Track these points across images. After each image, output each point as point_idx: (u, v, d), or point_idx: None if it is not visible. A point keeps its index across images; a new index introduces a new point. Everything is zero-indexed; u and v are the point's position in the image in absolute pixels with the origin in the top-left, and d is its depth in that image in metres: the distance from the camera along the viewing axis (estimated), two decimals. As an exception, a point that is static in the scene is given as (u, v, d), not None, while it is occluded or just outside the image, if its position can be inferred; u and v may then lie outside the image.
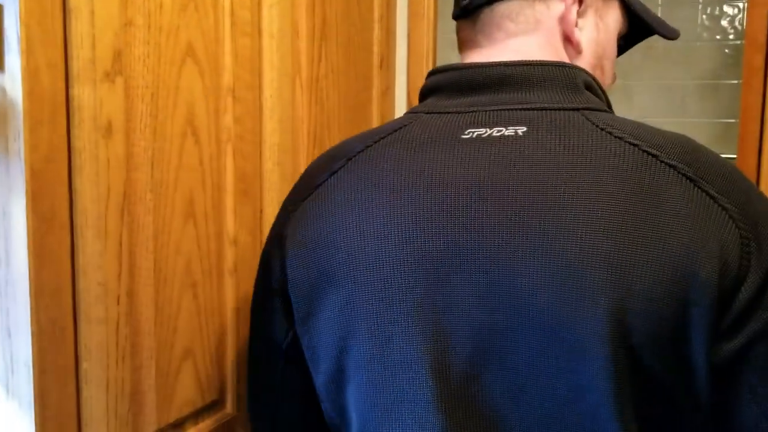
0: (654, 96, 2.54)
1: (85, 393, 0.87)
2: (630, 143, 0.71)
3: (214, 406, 1.10)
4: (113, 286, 0.89)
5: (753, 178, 1.31)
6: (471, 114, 0.77)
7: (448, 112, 0.79)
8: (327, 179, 0.81)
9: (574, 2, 0.82)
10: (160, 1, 0.94)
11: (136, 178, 0.92)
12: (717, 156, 0.74)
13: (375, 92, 1.55)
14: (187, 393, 1.03)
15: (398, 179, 0.75)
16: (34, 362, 0.80)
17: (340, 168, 0.80)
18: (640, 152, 0.70)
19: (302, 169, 1.28)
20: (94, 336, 0.88)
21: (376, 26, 1.53)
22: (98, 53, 0.85)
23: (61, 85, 0.82)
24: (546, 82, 0.77)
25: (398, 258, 0.72)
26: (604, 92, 0.83)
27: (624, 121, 0.75)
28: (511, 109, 0.76)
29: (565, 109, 0.75)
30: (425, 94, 0.85)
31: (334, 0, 1.34)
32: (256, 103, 1.15)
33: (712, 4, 2.53)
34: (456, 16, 0.88)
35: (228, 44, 1.08)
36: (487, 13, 0.83)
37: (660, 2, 2.54)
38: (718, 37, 2.52)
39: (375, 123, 1.56)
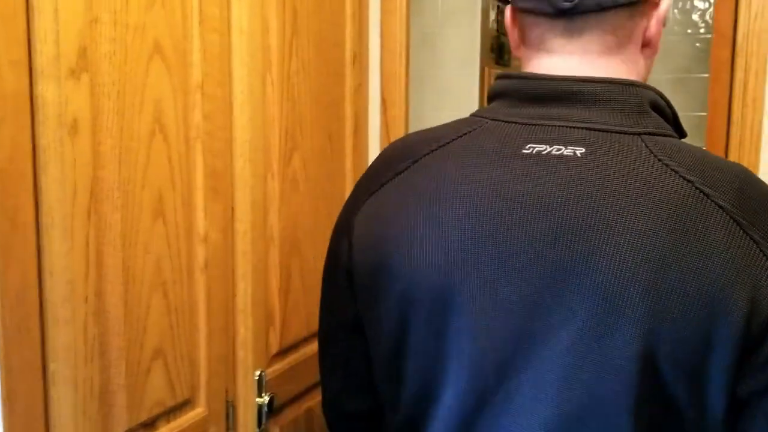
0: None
1: (54, 393, 0.87)
2: (685, 179, 0.71)
3: (185, 405, 1.09)
4: (81, 285, 0.89)
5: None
6: (533, 127, 0.78)
7: (511, 122, 0.79)
8: (392, 178, 0.83)
9: (652, 7, 0.78)
10: (125, -3, 0.94)
11: (103, 176, 0.91)
12: (760, 185, 0.75)
13: (347, 88, 1.54)
14: (158, 392, 1.03)
15: (458, 188, 0.77)
16: (1, 363, 0.80)
17: (405, 169, 0.82)
18: (694, 189, 0.71)
19: (274, 165, 1.28)
20: (62, 336, 0.87)
21: (348, 22, 1.52)
22: (63, 50, 0.85)
23: (25, 82, 0.81)
24: (612, 101, 0.76)
25: (452, 262, 0.76)
26: (672, 108, 0.82)
27: (684, 151, 0.75)
28: (573, 127, 0.76)
29: (626, 133, 0.75)
30: (492, 97, 0.84)
31: (305, -4, 1.34)
32: (226, 100, 1.15)
33: (683, -2, 2.57)
34: (543, 13, 0.78)
35: (197, 41, 1.07)
36: (593, 23, 0.77)
37: (632, -3, 2.56)
38: (689, 31, 2.55)
39: (348, 119, 1.55)
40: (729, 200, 0.70)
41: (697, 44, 2.51)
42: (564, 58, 0.79)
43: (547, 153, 0.76)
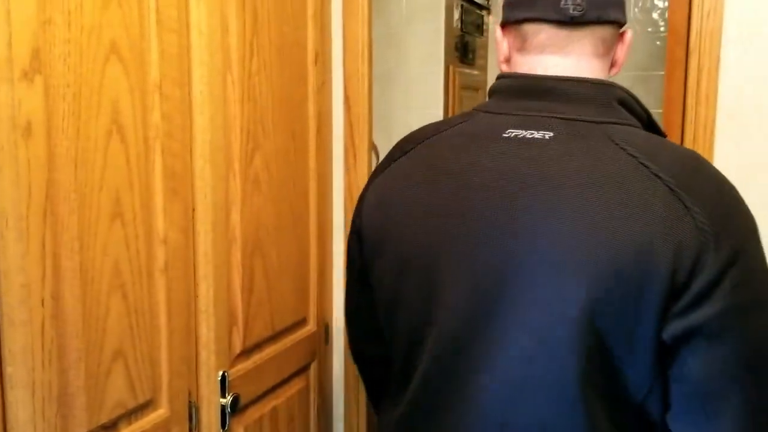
0: (590, 88, 2.58)
1: (11, 397, 0.86)
2: (631, 155, 0.86)
3: (147, 406, 1.09)
4: (37, 288, 0.88)
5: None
6: (516, 117, 0.94)
7: (500, 113, 0.96)
8: (400, 157, 1.02)
9: (622, 36, 0.99)
10: (80, -1, 0.93)
11: (59, 178, 0.91)
12: (711, 173, 0.87)
13: (310, 88, 1.55)
14: (118, 394, 1.03)
15: (448, 165, 0.95)
16: (-45, 368, 0.79)
17: (410, 149, 1.02)
18: (637, 163, 0.85)
19: (236, 165, 1.28)
20: (18, 339, 0.86)
21: (310, 23, 1.53)
22: (15, 52, 0.84)
23: (-24, 85, 0.80)
24: (584, 97, 0.93)
25: (440, 224, 0.93)
26: (644, 108, 0.97)
27: (638, 136, 0.90)
28: (548, 117, 0.92)
29: (591, 122, 0.91)
30: (491, 93, 1.02)
31: (265, -4, 1.34)
32: (185, 100, 1.14)
33: (644, -3, 2.61)
34: (549, 21, 0.94)
35: (154, 41, 1.07)
36: (590, 31, 0.94)
37: (593, -4, 2.60)
38: (649, 29, 2.59)
39: (311, 118, 1.56)
40: (667, 172, 0.83)
41: (657, 42, 2.56)
42: (564, 57, 0.95)
43: (522, 136, 0.92)
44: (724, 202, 0.84)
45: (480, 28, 2.74)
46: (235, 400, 1.27)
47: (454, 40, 2.48)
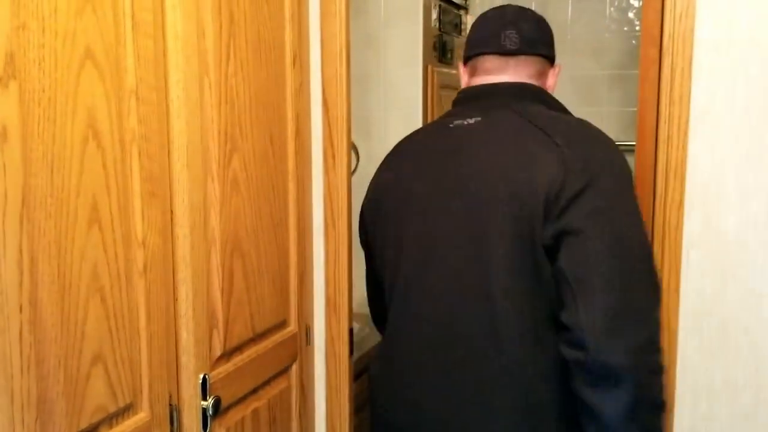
0: (566, 87, 2.61)
1: (-12, 404, 0.86)
2: (529, 121, 1.26)
3: (128, 410, 1.09)
4: (14, 294, 0.88)
5: (651, 164, 1.38)
6: (461, 111, 1.37)
7: (453, 113, 1.40)
8: (394, 148, 1.47)
9: (550, 67, 1.41)
10: (54, 4, 0.93)
11: (35, 183, 0.91)
12: (588, 133, 1.26)
13: (288, 90, 1.55)
14: (98, 398, 1.03)
15: (414, 150, 1.42)
16: (-68, 375, 0.79)
17: (401, 143, 1.47)
18: (532, 125, 1.25)
19: (214, 168, 1.28)
20: (-4, 345, 0.86)
21: (288, 25, 1.53)
22: (-11, 58, 0.84)
23: (-50, 91, 0.80)
24: (506, 93, 1.35)
25: (406, 191, 1.36)
26: (560, 104, 1.37)
27: (540, 112, 1.30)
28: (481, 108, 1.34)
29: (506, 107, 1.31)
30: (452, 104, 1.44)
31: (242, 0, 1.34)
32: (161, 104, 1.14)
33: (620, -3, 2.64)
34: (488, 51, 1.37)
35: (130, 46, 1.07)
36: (524, 60, 1.36)
37: (570, -4, 2.63)
38: (625, 28, 2.61)
39: (290, 119, 1.56)
40: (556, 134, 1.21)
41: (633, 41, 2.58)
42: (503, 77, 1.37)
43: (459, 123, 1.35)
44: (591, 150, 1.21)
45: (458, 27, 2.76)
46: (217, 403, 1.28)
47: (432, 40, 2.49)
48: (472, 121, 1.32)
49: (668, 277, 1.36)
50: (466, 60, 1.43)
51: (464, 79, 1.45)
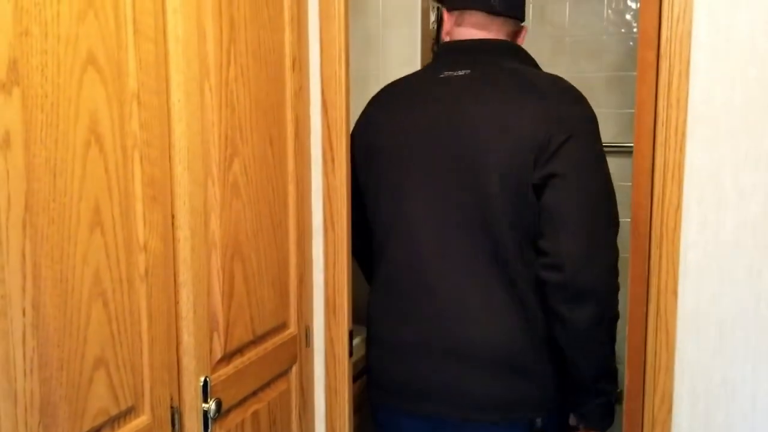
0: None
1: (-8, 407, 0.86)
2: (515, 75, 1.52)
3: (129, 412, 1.10)
4: (17, 298, 0.89)
5: (648, 166, 1.38)
6: (451, 63, 1.59)
7: (442, 63, 1.62)
8: (383, 92, 1.71)
9: (521, 31, 1.66)
10: (57, 10, 0.93)
11: (38, 188, 0.91)
12: (566, 86, 1.54)
13: (288, 92, 1.56)
14: (100, 401, 1.03)
15: (406, 97, 1.63)
16: (-64, 379, 0.79)
17: (388, 88, 1.70)
18: (517, 79, 1.51)
19: (214, 171, 1.29)
20: (0, 349, 0.87)
21: (287, 28, 1.54)
22: (-8, 64, 0.84)
23: (-46, 97, 0.80)
24: (491, 48, 1.58)
25: (406, 139, 1.58)
26: (531, 58, 1.63)
27: (526, 69, 1.57)
28: (470, 62, 1.56)
29: (493, 63, 1.55)
30: (435, 54, 1.77)
31: (242, 3, 1.35)
32: (163, 108, 1.15)
33: (617, -1, 2.65)
34: (477, 7, 1.58)
35: (131, 50, 1.07)
36: (503, 20, 1.59)
37: (568, -2, 2.63)
38: (623, 30, 2.62)
39: (289, 122, 1.57)
40: (535, 85, 1.50)
41: (630, 43, 2.59)
42: (486, 33, 1.59)
43: (449, 75, 1.56)
44: (570, 105, 1.49)
45: (456, 29, 2.77)
46: (217, 405, 1.28)
47: (429, 41, 2.50)
48: (461, 72, 1.54)
49: (666, 278, 1.36)
50: (452, 8, 1.63)
51: (447, 26, 1.64)
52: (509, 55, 1.58)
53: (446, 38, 1.66)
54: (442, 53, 1.63)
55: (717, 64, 1.29)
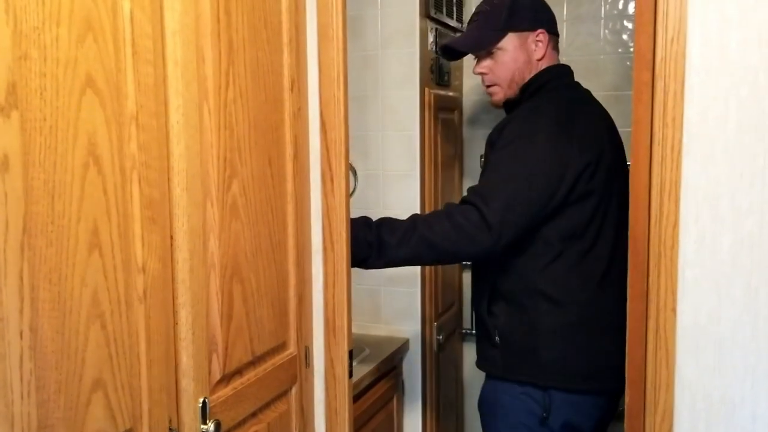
0: (564, 107, 2.62)
1: (-11, 430, 0.86)
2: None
3: (127, 434, 1.09)
4: (15, 320, 0.89)
5: (645, 184, 1.39)
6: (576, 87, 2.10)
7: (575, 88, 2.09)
8: (564, 112, 2.00)
9: None
10: (56, 33, 0.94)
11: (36, 211, 0.92)
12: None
13: (287, 113, 1.57)
14: (98, 424, 1.03)
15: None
16: (-66, 402, 0.79)
17: (567, 107, 2.00)
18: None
19: (213, 192, 1.29)
20: (-3, 372, 0.87)
21: (286, 50, 1.55)
22: (-8, 88, 0.85)
23: (-47, 121, 0.81)
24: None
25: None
26: None
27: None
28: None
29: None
30: (558, 75, 2.02)
31: (241, 26, 1.36)
32: (162, 130, 1.16)
33: (614, 19, 2.66)
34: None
35: (130, 73, 1.09)
36: None
37: (565, 19, 2.65)
38: (620, 50, 2.63)
39: (288, 143, 1.58)
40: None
41: (628, 63, 2.60)
42: None
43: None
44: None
45: (455, 50, 2.78)
46: (216, 427, 1.28)
47: (429, 62, 2.51)
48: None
49: (665, 296, 1.36)
50: (553, 31, 1.99)
51: (543, 47, 1.96)
52: None
53: (542, 60, 1.97)
54: (567, 74, 2.03)
55: (711, 83, 1.30)
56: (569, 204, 1.82)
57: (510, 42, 1.96)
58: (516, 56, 1.96)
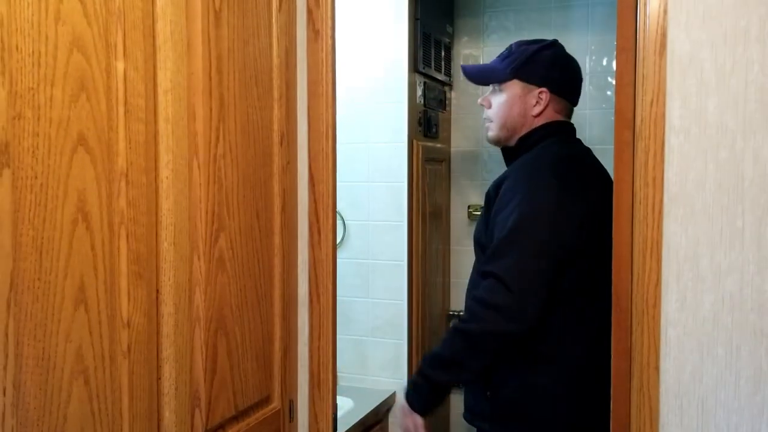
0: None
1: (-32, 489, 0.86)
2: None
3: (107, 492, 1.08)
4: (-1, 377, 0.89)
5: (627, 243, 1.41)
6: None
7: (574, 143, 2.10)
8: (564, 171, 1.97)
9: None
10: (50, 94, 0.97)
11: (24, 267, 0.93)
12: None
13: (276, 167, 1.59)
14: (78, 481, 1.02)
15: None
16: None
17: (565, 166, 1.97)
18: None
19: (200, 246, 1.30)
20: (-22, 430, 0.87)
21: (276, 105, 1.58)
22: (-16, 147, 0.87)
23: (-55, 180, 0.82)
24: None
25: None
26: None
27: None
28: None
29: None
30: (552, 131, 2.02)
31: (232, 83, 1.39)
32: (151, 186, 1.17)
33: (597, 75, 2.73)
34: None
35: (122, 131, 1.10)
36: None
37: (550, 74, 2.72)
38: (603, 106, 2.70)
39: (276, 195, 1.59)
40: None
41: (611, 118, 2.65)
42: None
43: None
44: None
45: (443, 103, 2.83)
46: (197, 483, 1.27)
47: (417, 115, 2.56)
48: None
49: (648, 354, 1.37)
50: (562, 95, 2.01)
51: (542, 105, 1.97)
52: None
53: (539, 117, 1.97)
54: (561, 129, 2.03)
55: (690, 145, 1.34)
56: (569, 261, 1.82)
57: (513, 88, 1.97)
58: (513, 103, 1.97)
